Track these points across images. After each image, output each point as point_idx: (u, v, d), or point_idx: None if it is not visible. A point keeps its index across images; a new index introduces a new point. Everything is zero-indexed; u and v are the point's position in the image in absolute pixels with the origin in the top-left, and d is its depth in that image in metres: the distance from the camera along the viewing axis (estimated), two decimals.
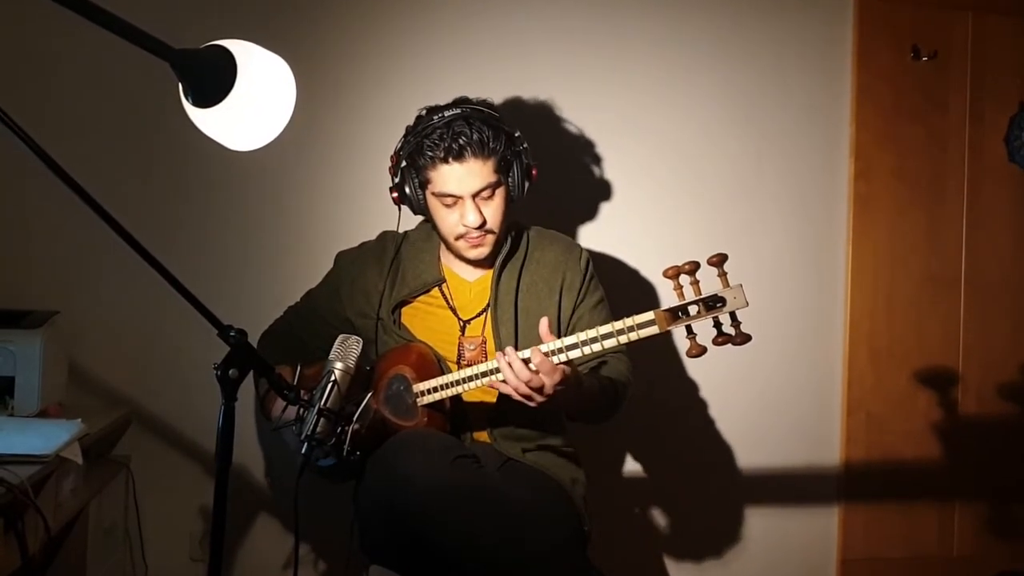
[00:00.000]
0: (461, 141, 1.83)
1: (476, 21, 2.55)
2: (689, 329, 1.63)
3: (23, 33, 2.32)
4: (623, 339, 1.66)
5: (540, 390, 1.69)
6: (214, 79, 1.20)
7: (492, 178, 1.87)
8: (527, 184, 1.95)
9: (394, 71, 2.49)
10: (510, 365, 1.69)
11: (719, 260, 1.58)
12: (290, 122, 1.28)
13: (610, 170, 2.64)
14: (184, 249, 2.36)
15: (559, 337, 1.72)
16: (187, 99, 1.23)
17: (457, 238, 1.91)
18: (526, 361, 1.69)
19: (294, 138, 1.51)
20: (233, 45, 1.23)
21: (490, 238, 1.92)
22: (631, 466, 2.69)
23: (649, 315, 1.64)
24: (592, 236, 2.62)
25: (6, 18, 2.31)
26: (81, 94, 2.35)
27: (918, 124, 2.83)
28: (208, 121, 1.23)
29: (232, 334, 1.31)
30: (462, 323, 1.99)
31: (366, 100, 2.49)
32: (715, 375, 2.71)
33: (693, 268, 1.59)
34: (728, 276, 1.58)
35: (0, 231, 2.32)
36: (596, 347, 1.68)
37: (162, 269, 1.28)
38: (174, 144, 2.31)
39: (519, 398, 1.71)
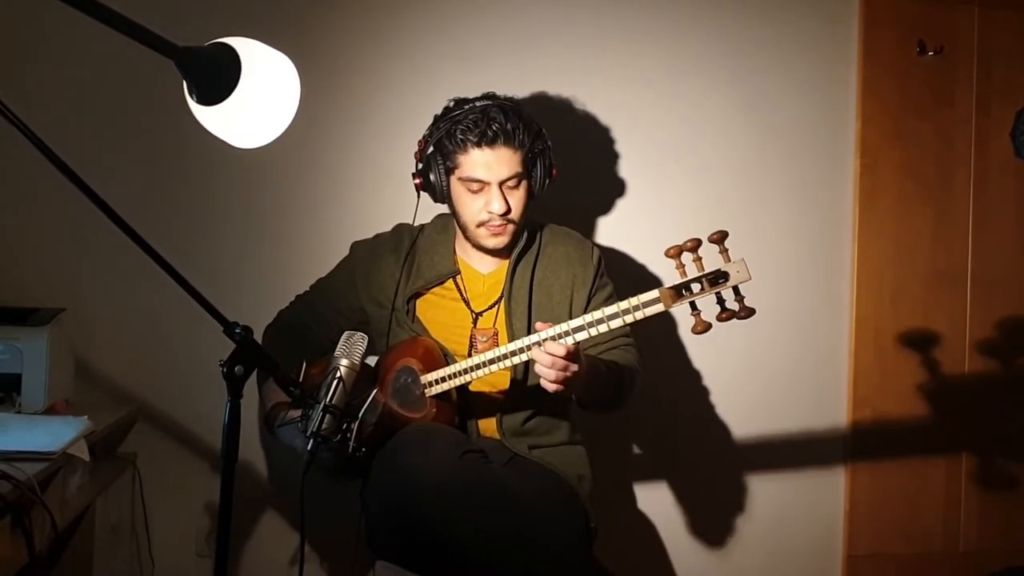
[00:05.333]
0: (495, 127, 1.87)
1: (482, 17, 2.55)
2: (693, 306, 1.64)
3: (28, 31, 2.33)
4: (628, 318, 1.68)
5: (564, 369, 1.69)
6: (218, 77, 1.21)
7: (519, 168, 1.92)
8: (547, 182, 1.99)
9: (399, 68, 2.49)
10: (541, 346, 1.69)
11: (720, 237, 1.60)
12: (294, 119, 1.28)
13: (617, 164, 2.64)
14: (190, 246, 2.36)
15: None
16: (192, 97, 1.23)
17: (479, 225, 1.94)
18: (536, 344, 1.71)
19: (298, 135, 1.51)
20: (237, 43, 1.24)
21: (511, 228, 1.95)
22: (634, 462, 2.68)
23: (654, 293, 1.66)
24: (599, 229, 2.62)
25: (11, 16, 2.32)
26: (86, 92, 2.36)
27: (924, 119, 2.82)
28: (213, 119, 1.24)
29: (238, 331, 1.31)
30: (474, 315, 2.00)
31: (371, 97, 2.49)
32: (718, 372, 2.71)
33: (695, 246, 1.61)
34: (730, 252, 1.59)
35: (7, 229, 2.33)
36: (603, 328, 1.69)
37: (167, 266, 1.29)
38: (179, 142, 2.32)
39: (554, 379, 1.69)
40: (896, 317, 2.82)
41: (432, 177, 1.96)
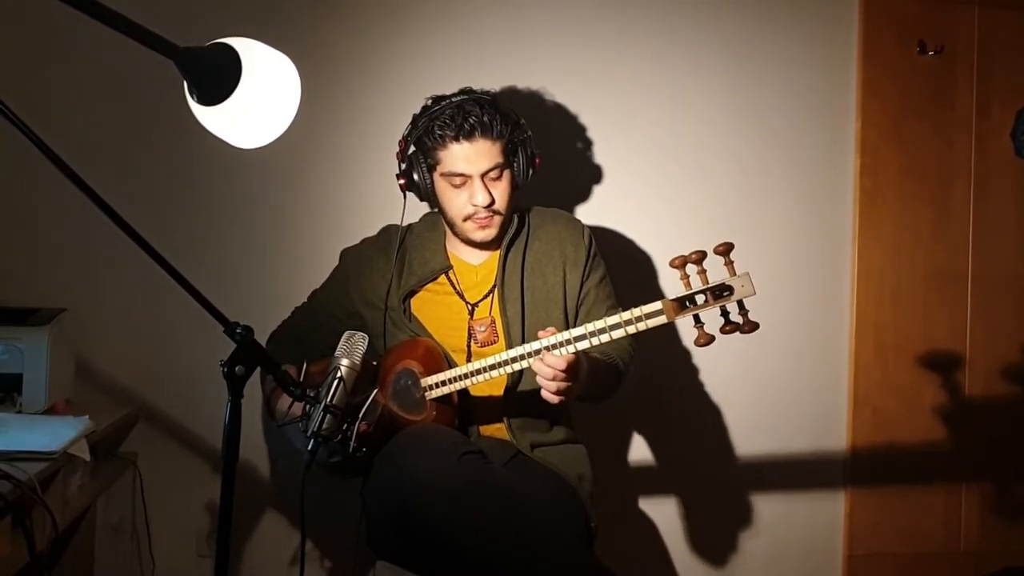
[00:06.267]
0: (472, 120, 1.88)
1: (481, 17, 2.55)
2: (697, 318, 1.64)
3: (28, 32, 2.33)
4: (631, 329, 1.67)
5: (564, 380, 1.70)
6: (219, 77, 1.21)
7: (499, 159, 1.92)
8: (531, 172, 2.00)
9: (398, 68, 2.49)
10: (542, 359, 1.69)
11: (725, 249, 1.59)
12: (294, 119, 1.29)
13: (616, 166, 2.63)
14: (190, 246, 2.36)
15: (564, 315, 1.71)
16: (192, 97, 1.23)
17: (465, 219, 1.95)
18: (537, 352, 1.70)
19: (299, 135, 1.51)
20: (238, 43, 1.24)
21: (497, 219, 1.96)
22: (635, 461, 2.69)
23: (657, 305, 1.65)
24: (598, 230, 2.61)
25: (12, 17, 2.32)
26: (87, 92, 2.36)
27: (924, 119, 2.82)
28: (213, 119, 1.24)
29: (238, 331, 1.31)
30: (470, 306, 2.01)
31: (370, 97, 2.49)
32: (720, 371, 2.71)
33: (700, 257, 1.60)
34: (735, 265, 1.59)
35: (7, 229, 2.33)
36: (604, 337, 1.69)
37: (168, 266, 1.29)
38: (179, 142, 2.32)
39: (555, 391, 1.71)
40: (896, 316, 2.82)
41: (416, 176, 1.98)
